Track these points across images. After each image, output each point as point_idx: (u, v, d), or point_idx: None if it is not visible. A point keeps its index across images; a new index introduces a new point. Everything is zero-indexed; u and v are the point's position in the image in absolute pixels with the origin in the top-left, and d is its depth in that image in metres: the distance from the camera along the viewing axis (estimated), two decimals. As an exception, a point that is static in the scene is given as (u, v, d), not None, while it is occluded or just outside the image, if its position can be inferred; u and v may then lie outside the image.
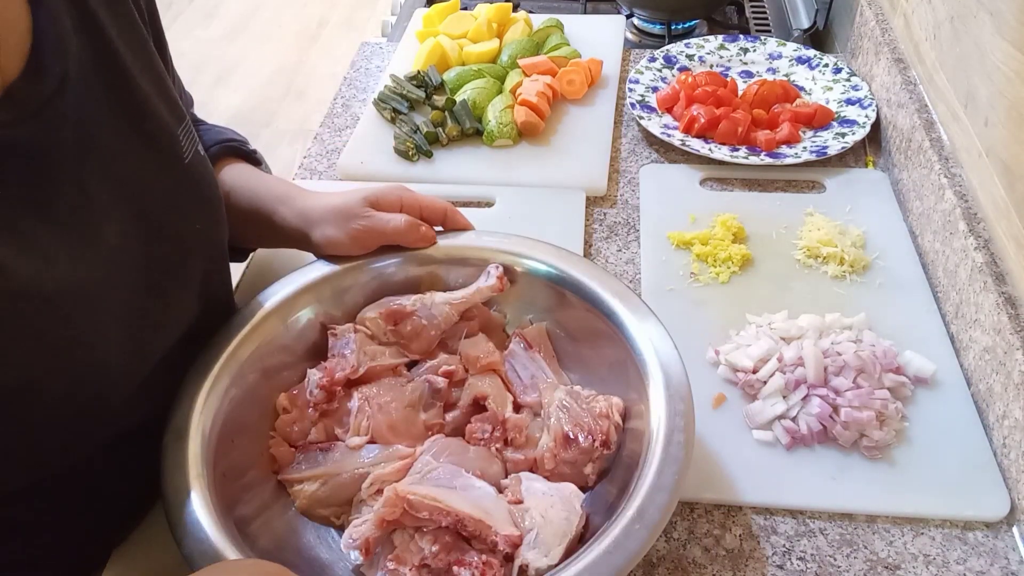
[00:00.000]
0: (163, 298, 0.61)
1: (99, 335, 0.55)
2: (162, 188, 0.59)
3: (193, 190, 0.63)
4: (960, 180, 0.82)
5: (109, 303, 0.55)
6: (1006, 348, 0.67)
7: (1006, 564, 0.62)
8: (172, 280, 0.61)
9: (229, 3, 3.69)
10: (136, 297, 0.58)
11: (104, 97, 0.55)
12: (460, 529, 0.56)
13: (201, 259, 0.64)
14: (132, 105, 0.57)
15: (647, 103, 1.10)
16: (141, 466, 0.59)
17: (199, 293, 0.65)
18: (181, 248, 0.62)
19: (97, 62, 0.54)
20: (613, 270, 0.88)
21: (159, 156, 0.59)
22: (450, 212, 0.75)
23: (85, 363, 0.54)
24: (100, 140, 0.54)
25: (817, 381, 0.71)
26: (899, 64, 1.00)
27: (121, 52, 0.56)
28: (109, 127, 0.55)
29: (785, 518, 0.66)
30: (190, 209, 0.62)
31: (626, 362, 0.63)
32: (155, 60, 0.61)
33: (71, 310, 0.52)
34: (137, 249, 0.57)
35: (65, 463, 0.57)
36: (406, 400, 0.67)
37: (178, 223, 0.61)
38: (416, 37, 1.24)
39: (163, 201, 0.59)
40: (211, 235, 0.65)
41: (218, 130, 0.80)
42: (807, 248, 0.87)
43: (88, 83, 0.53)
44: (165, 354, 0.62)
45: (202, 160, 0.65)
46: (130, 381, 0.59)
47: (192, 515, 0.54)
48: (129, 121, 0.56)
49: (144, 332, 0.59)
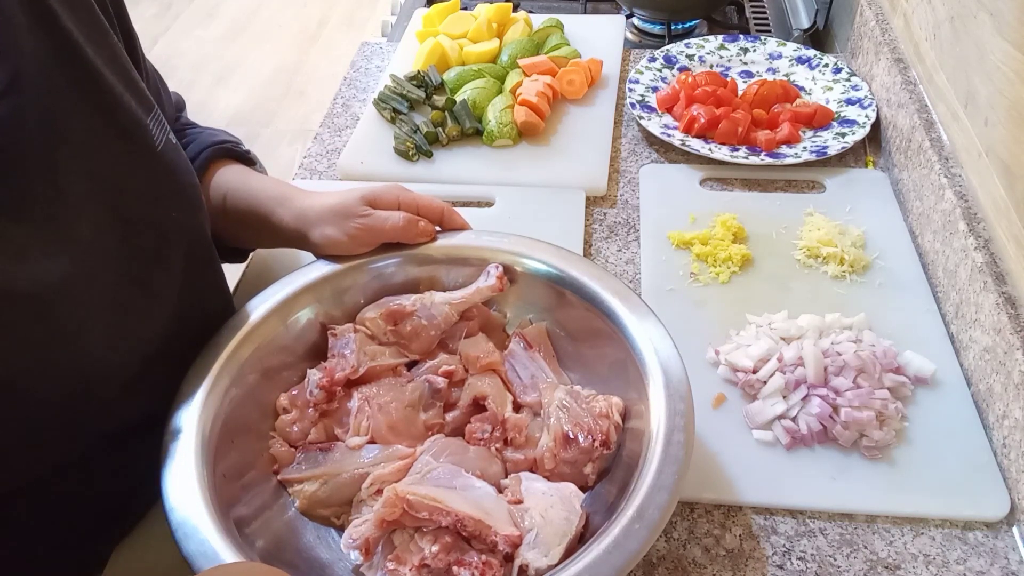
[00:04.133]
0: (145, 289, 0.60)
1: (80, 329, 0.54)
2: (136, 178, 0.59)
3: (167, 178, 0.62)
4: (960, 180, 0.82)
5: (88, 297, 0.55)
6: (1006, 348, 0.67)
7: (1006, 564, 0.62)
8: (153, 270, 0.61)
9: (229, 3, 3.69)
10: (117, 289, 0.57)
11: (69, 92, 0.54)
12: (460, 529, 0.55)
13: (181, 247, 0.64)
14: (99, 98, 0.56)
15: (647, 103, 1.10)
16: (139, 465, 0.59)
17: (184, 283, 0.64)
18: (159, 237, 0.61)
19: (59, 58, 0.54)
20: (613, 270, 0.88)
21: (131, 146, 0.59)
22: (447, 211, 0.75)
23: (67, 358, 0.54)
24: (70, 135, 0.54)
25: (817, 381, 0.71)
26: (899, 64, 1.00)
27: (82, 45, 0.56)
28: (78, 121, 0.55)
29: (785, 518, 0.66)
30: (166, 197, 0.62)
31: (626, 362, 0.63)
32: (119, 51, 0.60)
33: (48, 306, 0.52)
34: (114, 241, 0.57)
35: (57, 460, 0.57)
36: (406, 400, 0.67)
37: (154, 212, 0.61)
38: (416, 37, 1.24)
39: (138, 191, 0.59)
40: (189, 222, 0.65)
41: (210, 132, 0.80)
42: (807, 248, 0.87)
43: (50, 79, 0.53)
44: (154, 348, 0.61)
45: (174, 148, 0.64)
46: (118, 375, 0.58)
47: (192, 515, 0.54)
48: (98, 114, 0.56)
49: (128, 324, 0.59)
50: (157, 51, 3.35)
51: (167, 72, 3.02)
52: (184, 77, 3.19)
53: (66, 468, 0.58)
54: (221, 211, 0.75)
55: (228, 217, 0.75)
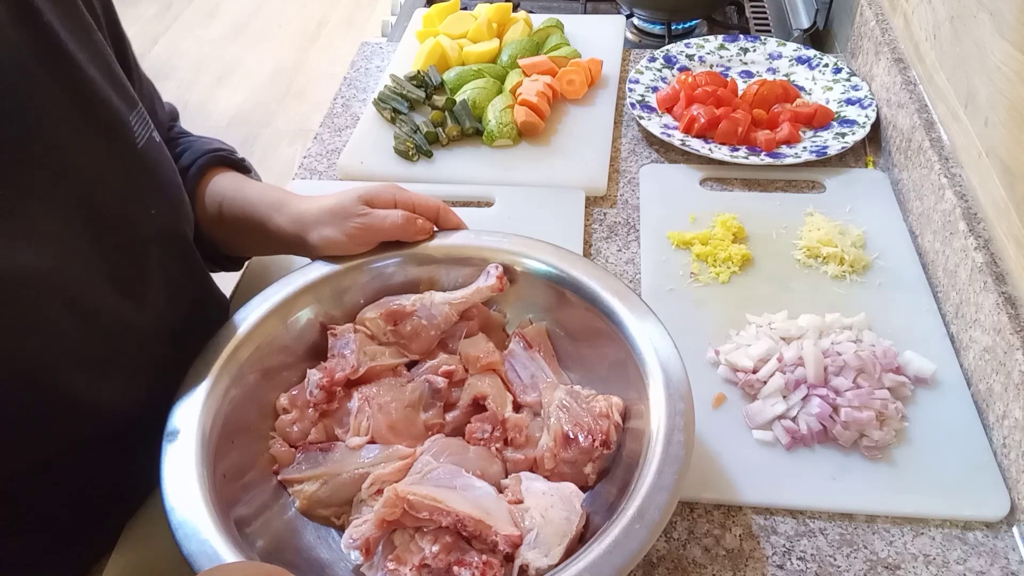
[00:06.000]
0: (121, 286, 0.60)
1: (46, 321, 0.54)
2: (113, 175, 0.59)
3: (146, 176, 0.62)
4: (960, 180, 0.82)
5: (55, 290, 0.55)
6: (1006, 348, 0.67)
7: (1006, 564, 0.62)
8: (129, 269, 0.61)
9: (229, 3, 3.69)
10: (88, 284, 0.57)
11: (48, 86, 0.54)
12: (460, 529, 0.55)
13: (160, 246, 0.64)
14: (78, 92, 0.57)
15: (647, 103, 1.10)
16: (138, 465, 0.59)
17: (164, 283, 0.64)
18: (137, 236, 0.61)
19: (38, 52, 0.54)
20: (613, 270, 0.88)
21: (109, 143, 0.59)
22: (443, 211, 0.75)
23: (33, 349, 0.54)
24: (44, 129, 0.54)
25: (817, 381, 0.71)
26: (899, 64, 1.00)
27: (64, 40, 0.56)
28: (54, 115, 0.55)
29: (785, 518, 0.66)
30: (144, 195, 0.62)
31: (626, 361, 0.63)
32: (102, 48, 0.61)
33: (11, 295, 0.51)
34: (85, 236, 0.57)
35: (34, 457, 0.57)
36: (406, 400, 0.67)
37: (131, 210, 0.61)
38: (416, 37, 1.24)
39: (113, 187, 0.59)
40: (168, 220, 0.65)
41: (205, 141, 0.80)
42: (807, 248, 0.87)
43: (28, 73, 0.53)
44: (136, 348, 0.61)
45: (157, 146, 0.64)
46: (96, 373, 0.58)
47: (192, 516, 0.54)
48: (76, 109, 0.56)
49: (100, 320, 0.58)
50: (157, 51, 3.35)
51: (167, 72, 3.03)
52: (184, 77, 3.19)
53: (43, 467, 0.58)
54: (217, 218, 0.75)
55: (224, 224, 0.75)
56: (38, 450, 0.57)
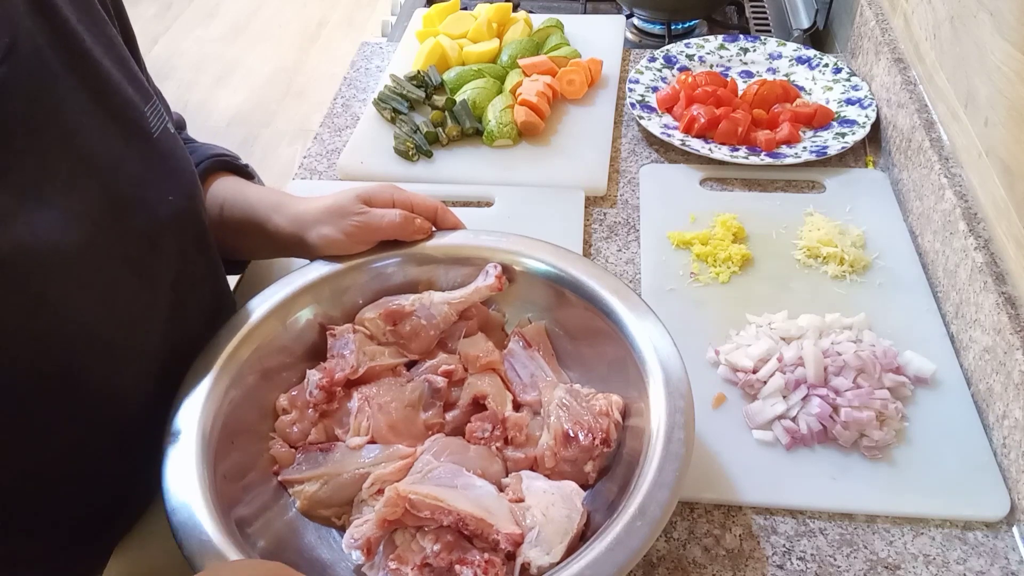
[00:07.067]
0: (138, 269, 0.60)
1: (66, 301, 0.54)
2: (130, 161, 0.60)
3: (162, 163, 0.63)
4: (960, 180, 0.82)
5: (77, 269, 0.55)
6: (1006, 348, 0.67)
7: (1006, 564, 0.62)
8: (145, 251, 0.61)
9: (229, 3, 3.69)
10: (107, 268, 0.58)
11: (64, 75, 0.55)
12: (462, 528, 0.55)
13: (175, 232, 0.64)
14: (94, 83, 0.57)
15: (647, 103, 1.10)
16: (138, 457, 0.59)
17: (179, 266, 0.65)
18: (154, 221, 0.62)
19: (55, 43, 0.55)
20: (613, 270, 0.88)
21: (125, 131, 0.60)
22: (441, 210, 0.75)
23: (54, 329, 0.54)
24: (61, 116, 0.55)
25: (817, 381, 0.71)
26: (899, 64, 1.00)
27: (80, 33, 0.57)
28: (70, 103, 0.56)
29: (785, 518, 0.66)
30: (160, 182, 0.63)
31: (625, 360, 0.64)
32: (117, 42, 0.61)
33: (31, 274, 0.52)
34: (106, 220, 0.57)
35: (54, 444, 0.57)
36: (406, 400, 0.67)
37: (149, 195, 0.61)
38: (416, 37, 1.24)
39: (131, 174, 0.60)
40: (185, 207, 0.65)
41: (208, 146, 0.81)
42: (807, 248, 0.87)
43: (43, 61, 0.54)
44: (147, 330, 0.62)
45: (172, 136, 0.65)
46: (109, 353, 0.58)
47: (193, 516, 0.54)
48: (92, 98, 0.57)
49: (119, 303, 0.59)
50: (157, 51, 3.35)
51: (167, 72, 3.03)
52: (184, 77, 3.19)
53: (64, 455, 0.58)
54: (218, 221, 0.76)
55: (225, 227, 0.75)
56: (50, 439, 0.57)
